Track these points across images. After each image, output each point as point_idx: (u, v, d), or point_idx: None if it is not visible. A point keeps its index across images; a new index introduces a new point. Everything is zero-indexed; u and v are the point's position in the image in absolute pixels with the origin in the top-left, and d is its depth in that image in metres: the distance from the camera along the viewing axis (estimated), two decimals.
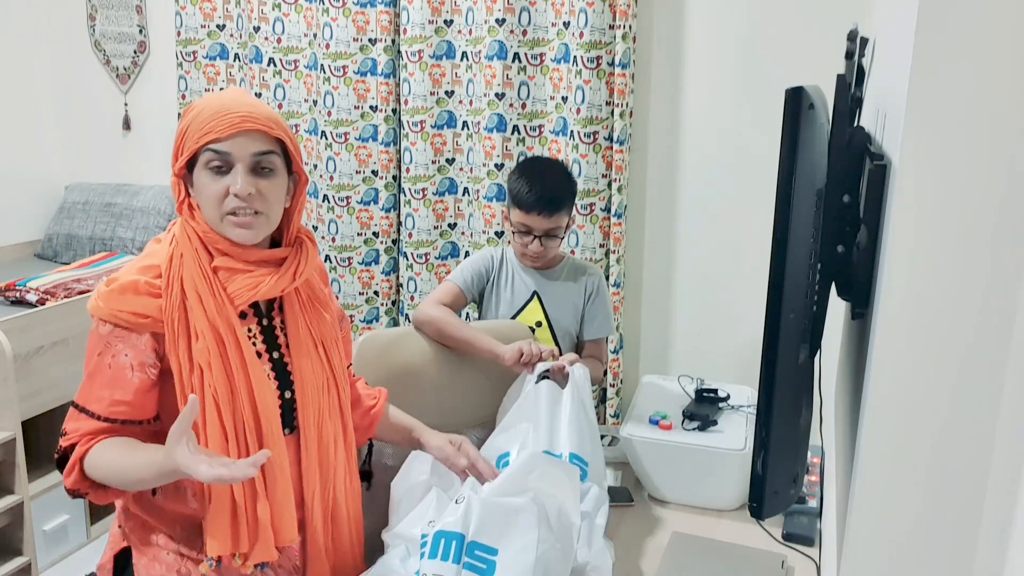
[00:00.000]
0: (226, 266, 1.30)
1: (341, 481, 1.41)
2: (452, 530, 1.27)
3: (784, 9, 2.44)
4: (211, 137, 1.26)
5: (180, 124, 1.32)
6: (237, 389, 1.27)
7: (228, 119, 1.26)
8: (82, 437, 1.26)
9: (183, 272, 1.28)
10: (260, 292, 1.30)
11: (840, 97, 1.09)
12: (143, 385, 1.27)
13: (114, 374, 1.26)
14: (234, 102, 1.29)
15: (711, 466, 1.68)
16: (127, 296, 1.26)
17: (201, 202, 1.30)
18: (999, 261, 0.77)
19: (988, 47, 0.75)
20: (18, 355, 2.38)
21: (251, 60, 3.01)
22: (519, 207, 1.92)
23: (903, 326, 0.83)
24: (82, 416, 1.28)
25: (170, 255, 1.29)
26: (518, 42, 2.65)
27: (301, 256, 1.36)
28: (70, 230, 3.35)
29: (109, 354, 1.26)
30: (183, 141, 1.30)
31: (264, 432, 1.29)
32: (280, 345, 1.37)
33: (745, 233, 2.55)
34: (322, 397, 1.38)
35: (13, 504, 2.40)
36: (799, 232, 0.96)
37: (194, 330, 1.26)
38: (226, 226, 1.29)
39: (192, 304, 1.27)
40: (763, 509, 1.04)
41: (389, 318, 2.98)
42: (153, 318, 1.26)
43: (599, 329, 2.05)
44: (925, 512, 0.84)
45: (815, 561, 1.54)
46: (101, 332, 1.27)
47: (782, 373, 0.99)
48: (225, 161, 1.27)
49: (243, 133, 1.27)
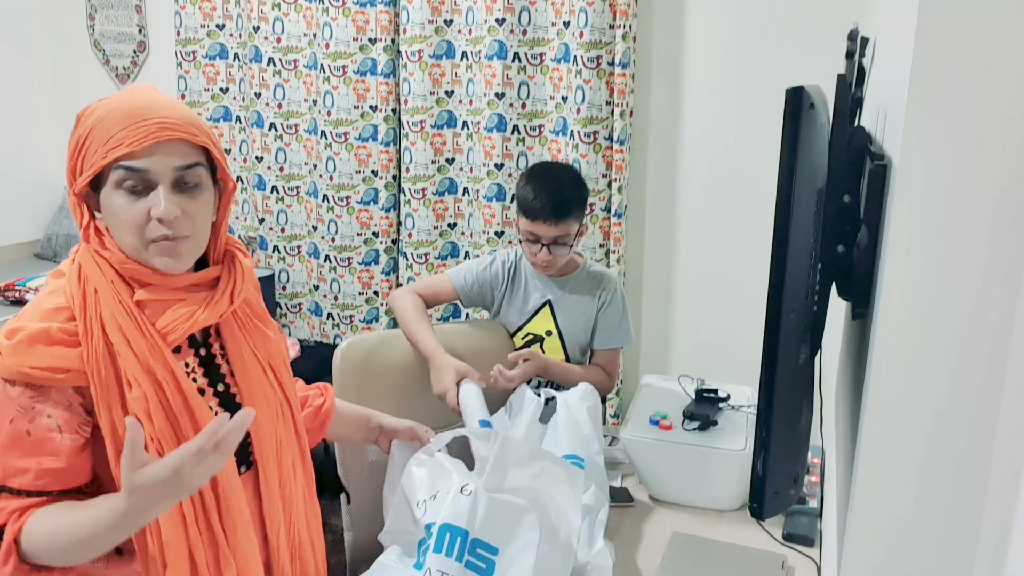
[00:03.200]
0: (151, 298, 1.11)
1: (301, 510, 1.28)
2: (458, 525, 1.26)
3: (784, 9, 2.44)
4: (123, 151, 1.05)
5: (75, 132, 1.10)
6: (183, 437, 1.09)
7: (141, 128, 1.06)
8: (9, 516, 1.05)
9: (101, 311, 1.08)
10: (196, 323, 1.13)
11: (840, 97, 1.09)
12: (75, 446, 1.07)
13: (36, 440, 1.05)
14: (146, 105, 1.08)
15: (711, 466, 1.68)
16: (37, 348, 1.05)
17: (114, 228, 1.11)
18: (999, 261, 0.77)
19: (988, 47, 0.75)
20: None
21: (251, 60, 3.01)
22: (525, 215, 1.89)
23: (903, 326, 0.83)
24: (5, 497, 1.06)
25: (82, 292, 1.09)
26: (518, 42, 2.65)
27: (236, 275, 1.20)
28: (70, 230, 3.35)
29: (25, 419, 1.05)
30: (82, 155, 1.09)
31: (218, 478, 1.12)
32: (223, 375, 1.20)
33: (745, 233, 2.55)
34: (278, 425, 1.24)
35: None
36: (799, 232, 0.95)
37: (125, 378, 1.07)
38: (150, 255, 1.10)
39: (119, 348, 1.07)
40: (763, 509, 1.04)
41: (389, 318, 2.98)
42: (74, 370, 1.06)
43: (609, 339, 2.01)
44: (925, 512, 0.84)
45: (815, 561, 1.54)
46: (10, 395, 1.05)
47: (782, 373, 0.99)
48: (142, 179, 1.07)
49: (162, 144, 1.07)
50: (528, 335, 2.01)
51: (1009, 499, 0.75)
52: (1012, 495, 0.75)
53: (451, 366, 1.74)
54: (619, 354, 2.08)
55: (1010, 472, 0.76)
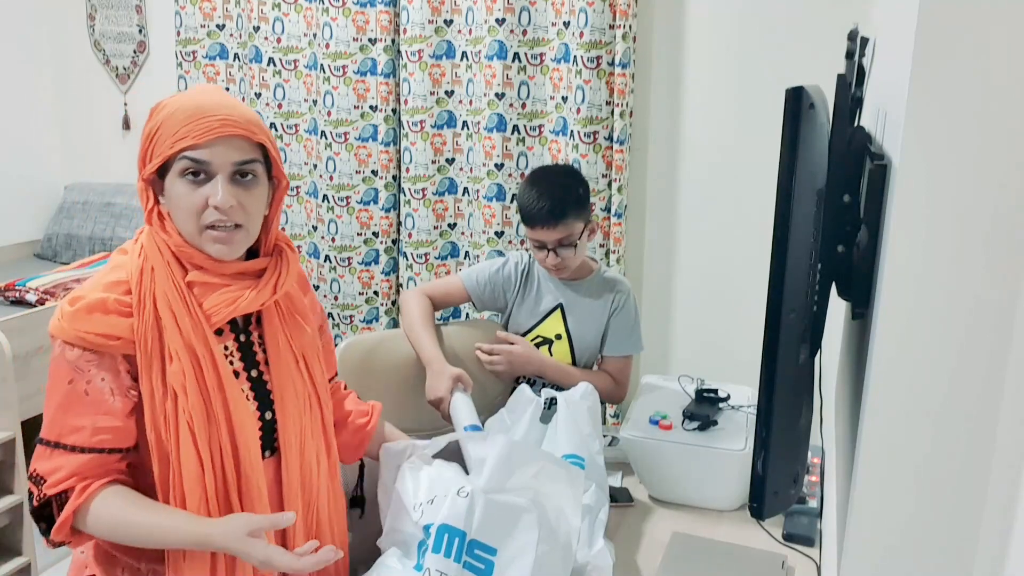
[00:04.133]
0: (201, 281, 1.20)
1: (324, 503, 1.33)
2: (455, 526, 1.25)
3: (784, 9, 2.44)
4: (187, 143, 1.15)
5: (148, 124, 1.19)
6: (214, 414, 1.18)
7: (206, 123, 1.15)
8: (73, 481, 1.15)
9: (155, 288, 1.18)
10: (239, 308, 1.21)
11: (840, 97, 1.09)
12: (126, 408, 1.17)
13: (93, 400, 1.15)
14: (211, 103, 1.18)
15: (711, 466, 1.68)
16: (95, 316, 1.15)
17: (175, 213, 1.20)
18: (999, 261, 0.77)
19: (988, 47, 0.75)
20: (17, 355, 2.38)
21: (251, 60, 3.01)
22: (525, 223, 1.89)
23: (903, 326, 0.83)
24: (58, 453, 1.15)
25: (140, 269, 1.19)
26: (518, 42, 2.65)
27: (281, 267, 1.28)
28: (70, 230, 3.35)
29: (83, 380, 1.15)
30: (152, 145, 1.18)
31: (242, 458, 1.20)
32: (259, 362, 1.28)
33: (745, 233, 2.55)
34: (304, 416, 1.30)
35: (13, 504, 2.40)
36: (799, 232, 0.96)
37: (168, 351, 1.16)
38: (204, 240, 1.19)
39: (166, 323, 1.17)
40: (763, 509, 1.04)
41: (389, 318, 2.98)
42: (124, 339, 1.16)
43: (619, 346, 1.99)
44: (925, 512, 0.84)
45: (815, 561, 1.54)
46: (68, 357, 1.15)
47: (782, 373, 0.99)
48: (203, 169, 1.17)
49: (223, 139, 1.16)
50: (537, 338, 2.00)
51: (1009, 499, 0.75)
52: (1012, 495, 0.75)
53: (448, 374, 1.72)
54: (630, 363, 2.03)
55: (1010, 472, 0.76)
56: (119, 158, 3.50)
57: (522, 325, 2.01)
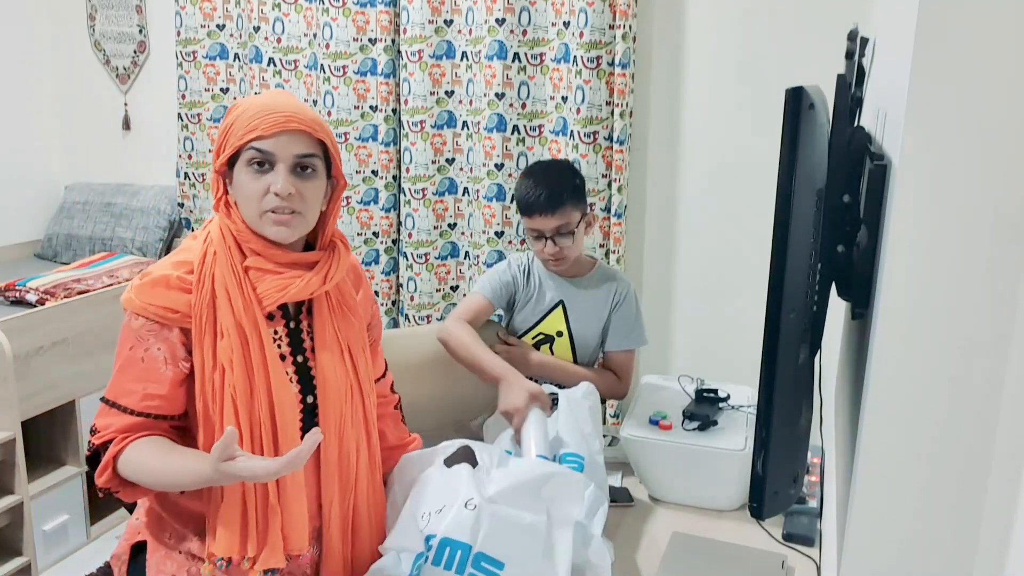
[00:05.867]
0: (257, 266, 1.30)
1: (364, 491, 1.38)
2: (459, 539, 1.24)
3: (784, 9, 2.44)
4: (255, 135, 1.26)
5: (224, 121, 1.32)
6: (256, 390, 1.27)
7: (273, 118, 1.26)
8: (115, 435, 1.26)
9: (215, 269, 1.28)
10: (289, 294, 1.30)
11: (840, 97, 1.09)
12: (176, 378, 1.27)
13: (147, 367, 1.27)
14: (279, 102, 1.29)
15: (711, 466, 1.68)
16: (158, 290, 1.27)
17: (239, 199, 1.30)
18: (999, 261, 0.77)
19: (988, 47, 0.75)
20: (18, 355, 2.38)
21: (251, 60, 3.01)
22: (523, 212, 1.90)
23: (903, 326, 0.83)
24: (113, 411, 1.27)
25: (204, 251, 1.30)
26: (518, 42, 2.65)
27: (333, 260, 1.36)
28: (70, 230, 3.35)
29: (141, 347, 1.27)
30: (226, 137, 1.30)
31: (280, 435, 1.28)
32: (305, 349, 1.36)
33: (745, 233, 2.55)
34: (345, 403, 1.36)
35: (13, 504, 2.40)
36: (799, 232, 0.96)
37: (220, 328, 1.26)
38: (264, 223, 1.29)
39: (221, 302, 1.27)
40: (763, 509, 1.04)
41: (389, 318, 2.98)
42: (182, 313, 1.26)
43: (621, 341, 2.00)
44: (925, 512, 0.84)
45: (815, 561, 1.54)
46: (133, 326, 1.27)
47: (782, 373, 0.99)
48: (267, 159, 1.27)
49: (287, 132, 1.27)
50: (539, 336, 2.01)
51: (1009, 499, 0.76)
52: (1012, 495, 0.75)
53: (526, 388, 1.68)
54: (633, 357, 2.04)
55: (1010, 472, 0.76)
56: (119, 158, 3.50)
57: (524, 323, 2.01)
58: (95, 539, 2.71)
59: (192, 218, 3.25)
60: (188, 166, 3.20)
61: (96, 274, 2.85)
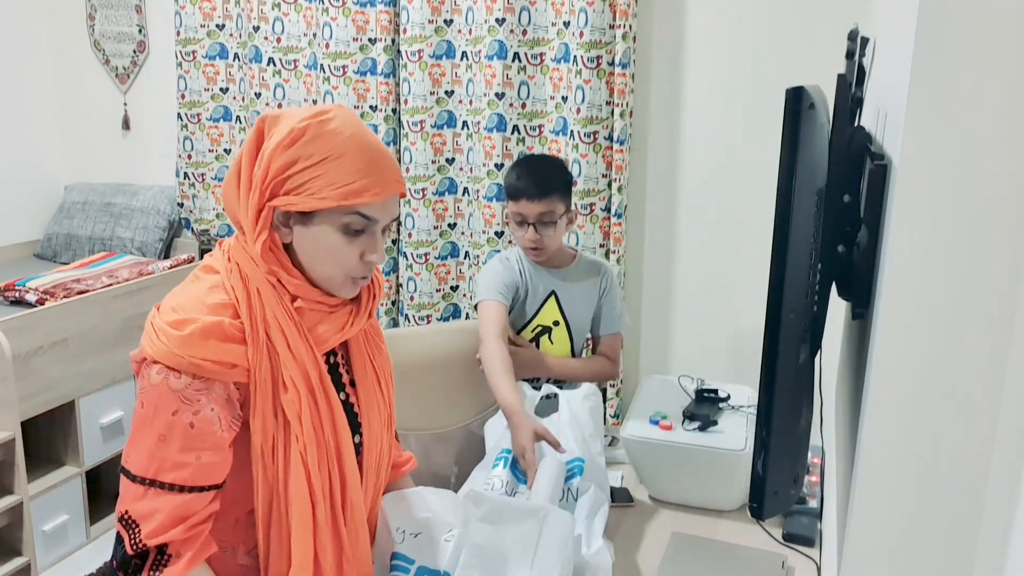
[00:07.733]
0: (308, 308, 1.15)
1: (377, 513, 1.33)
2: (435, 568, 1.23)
3: (784, 9, 2.44)
4: (365, 200, 1.09)
5: (294, 149, 1.08)
6: (323, 441, 1.14)
7: (383, 182, 1.11)
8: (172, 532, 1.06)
9: (264, 313, 1.11)
10: (346, 333, 1.19)
11: (840, 97, 1.09)
12: (227, 442, 1.10)
13: (199, 433, 1.07)
14: (380, 153, 1.12)
15: (711, 466, 1.68)
16: (211, 342, 1.06)
17: (314, 258, 1.14)
18: (999, 261, 0.77)
19: (988, 47, 0.75)
20: (17, 355, 2.38)
21: (251, 60, 3.01)
22: (510, 196, 1.93)
23: (903, 326, 0.83)
24: (153, 492, 1.06)
25: (246, 292, 1.11)
26: (518, 42, 2.65)
27: (375, 290, 1.26)
28: (69, 230, 3.35)
29: (189, 411, 1.06)
30: (302, 178, 1.08)
31: (348, 487, 1.16)
32: (344, 384, 1.25)
33: (745, 233, 2.55)
34: (384, 438, 1.28)
35: (12, 504, 2.40)
36: (799, 232, 0.95)
37: (281, 379, 1.11)
38: (343, 286, 1.16)
39: (280, 349, 1.10)
40: (763, 509, 1.04)
41: (389, 318, 2.98)
42: (240, 366, 1.09)
43: (612, 324, 2.07)
44: (925, 512, 0.84)
45: (815, 561, 1.54)
46: (173, 385, 1.06)
47: (782, 373, 0.99)
48: (368, 226, 1.13)
49: (392, 195, 1.14)
50: (537, 327, 2.03)
51: (1009, 499, 0.75)
52: (1012, 495, 0.75)
53: (529, 427, 1.63)
54: (620, 339, 2.11)
55: (1010, 472, 0.76)
56: (119, 158, 3.50)
57: (523, 316, 2.03)
58: (95, 539, 2.71)
59: (192, 218, 3.25)
60: (188, 166, 3.20)
61: (96, 274, 2.85)
